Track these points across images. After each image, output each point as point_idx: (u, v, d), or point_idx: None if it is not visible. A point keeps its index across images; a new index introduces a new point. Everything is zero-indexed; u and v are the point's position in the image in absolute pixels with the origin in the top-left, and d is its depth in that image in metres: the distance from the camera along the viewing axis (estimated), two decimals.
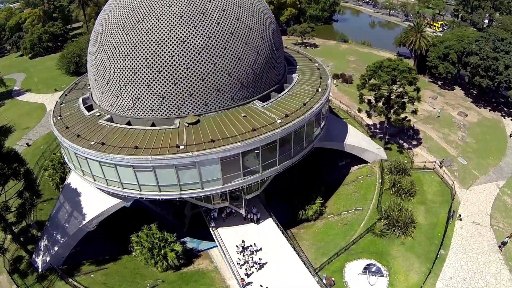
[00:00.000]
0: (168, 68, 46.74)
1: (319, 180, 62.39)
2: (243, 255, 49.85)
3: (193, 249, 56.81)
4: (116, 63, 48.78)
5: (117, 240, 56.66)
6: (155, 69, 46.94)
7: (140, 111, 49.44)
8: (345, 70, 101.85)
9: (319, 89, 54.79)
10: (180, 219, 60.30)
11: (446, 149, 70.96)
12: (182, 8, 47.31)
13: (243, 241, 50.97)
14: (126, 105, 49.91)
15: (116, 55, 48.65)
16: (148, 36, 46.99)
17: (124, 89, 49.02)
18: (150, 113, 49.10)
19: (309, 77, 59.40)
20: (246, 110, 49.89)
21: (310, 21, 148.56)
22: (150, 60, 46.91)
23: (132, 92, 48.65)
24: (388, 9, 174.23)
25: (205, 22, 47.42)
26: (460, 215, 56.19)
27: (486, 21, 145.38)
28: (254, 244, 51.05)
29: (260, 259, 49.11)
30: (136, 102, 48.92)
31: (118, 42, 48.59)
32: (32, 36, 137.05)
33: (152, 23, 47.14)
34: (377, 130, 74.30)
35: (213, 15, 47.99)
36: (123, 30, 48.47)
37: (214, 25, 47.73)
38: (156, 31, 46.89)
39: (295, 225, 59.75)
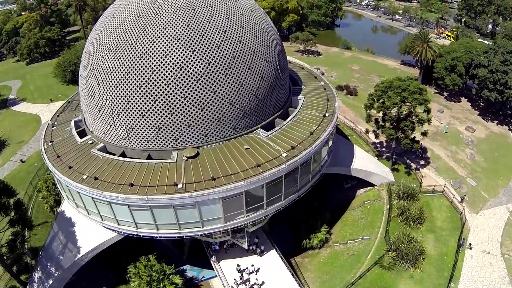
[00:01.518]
0: (164, 96, 42.51)
1: (323, 207, 58.48)
2: (240, 278, 47.18)
3: (193, 278, 53.06)
4: (108, 90, 44.59)
5: (115, 269, 52.71)
6: (149, 98, 42.72)
7: (135, 142, 45.35)
8: (349, 81, 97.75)
9: (327, 114, 50.53)
10: (179, 247, 56.36)
11: (455, 169, 67.24)
12: (179, 31, 42.96)
13: (238, 265, 48.09)
14: (120, 134, 45.84)
15: (108, 81, 44.43)
16: (142, 62, 42.69)
17: (117, 118, 44.88)
18: (146, 144, 45.03)
19: (315, 99, 55.10)
20: (249, 141, 45.72)
21: (312, 26, 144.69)
22: (144, 88, 42.65)
23: (126, 121, 44.51)
24: (391, 14, 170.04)
25: (204, 46, 43.08)
26: (470, 244, 52.71)
27: (490, 26, 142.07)
28: (252, 265, 48.20)
29: (256, 279, 46.73)
30: (130, 132, 44.79)
31: (109, 67, 44.33)
32: (29, 42, 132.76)
33: (146, 47, 42.85)
34: (384, 149, 70.26)
35: (213, 38, 43.63)
36: (115, 53, 44.19)
37: (214, 49, 43.37)
38: (150, 56, 42.60)
39: (299, 253, 56.03)
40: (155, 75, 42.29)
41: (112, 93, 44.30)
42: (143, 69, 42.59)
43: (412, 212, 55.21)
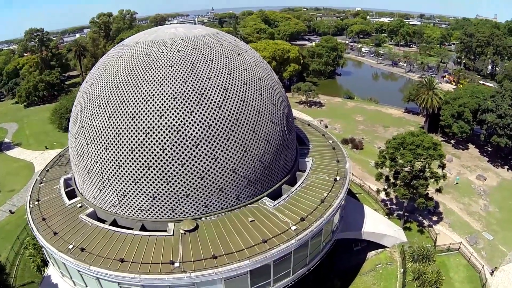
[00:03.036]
0: (159, 163, 37.26)
1: (332, 273, 52.60)
2: None
3: None
4: (97, 151, 39.53)
5: None
6: (143, 163, 37.48)
7: (127, 210, 40.02)
8: (354, 133, 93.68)
9: (338, 178, 45.40)
10: None
11: (469, 223, 62.02)
12: (175, 88, 38.00)
13: None
14: (111, 201, 40.56)
15: (97, 141, 39.40)
16: (134, 122, 37.63)
17: (107, 183, 39.67)
18: (139, 214, 39.65)
19: (324, 160, 50.04)
20: (254, 211, 40.26)
21: (313, 75, 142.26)
22: (136, 152, 37.46)
23: (117, 187, 39.29)
24: (392, 61, 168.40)
25: (204, 106, 37.98)
26: None
27: (490, 67, 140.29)
28: None
29: None
30: (122, 199, 39.51)
31: (99, 126, 39.36)
32: (28, 84, 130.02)
33: (139, 106, 37.83)
34: (394, 206, 64.85)
35: (213, 97, 38.60)
36: (105, 111, 39.26)
37: (215, 110, 38.28)
38: (143, 117, 37.52)
39: None
40: (148, 139, 37.18)
41: (102, 156, 39.24)
42: (136, 130, 37.53)
43: (428, 276, 49.53)
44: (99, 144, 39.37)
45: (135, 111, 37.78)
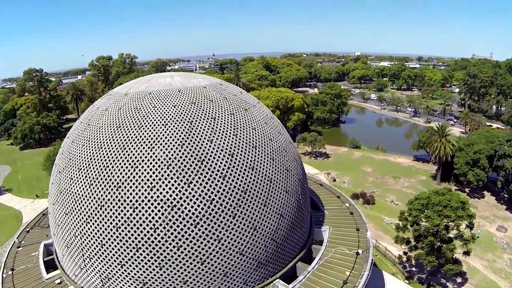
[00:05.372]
0: (149, 244, 29.97)
1: None
2: None
3: None
4: (77, 224, 32.39)
5: None
6: (130, 244, 30.19)
7: None
8: (364, 187, 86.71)
9: (360, 251, 38.07)
10: None
11: (496, 282, 55.11)
12: (169, 153, 30.97)
13: None
14: (93, 281, 33.11)
15: (77, 212, 32.31)
16: (119, 193, 30.54)
17: (88, 262, 32.33)
18: None
19: (342, 229, 42.77)
20: None
21: (317, 124, 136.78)
22: (122, 230, 30.25)
23: (100, 268, 31.91)
24: (396, 105, 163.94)
25: (205, 176, 30.80)
26: None
27: (494, 107, 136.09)
28: None
29: None
30: (106, 282, 32.09)
31: (79, 193, 32.30)
32: (24, 126, 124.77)
33: (125, 174, 30.76)
34: (414, 268, 57.26)
35: (216, 164, 31.44)
36: (86, 176, 32.18)
37: (218, 180, 31.08)
38: (130, 187, 30.42)
39: None
40: (137, 214, 29.94)
41: (82, 230, 32.09)
42: (121, 203, 30.38)
43: None
44: (78, 216, 32.33)
45: (120, 180, 30.71)
